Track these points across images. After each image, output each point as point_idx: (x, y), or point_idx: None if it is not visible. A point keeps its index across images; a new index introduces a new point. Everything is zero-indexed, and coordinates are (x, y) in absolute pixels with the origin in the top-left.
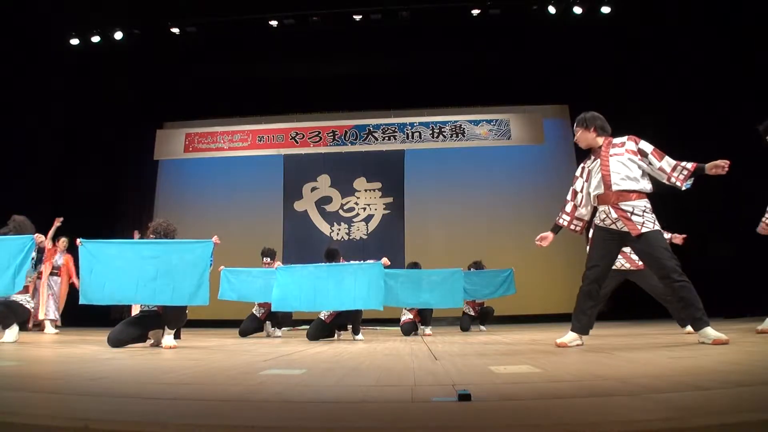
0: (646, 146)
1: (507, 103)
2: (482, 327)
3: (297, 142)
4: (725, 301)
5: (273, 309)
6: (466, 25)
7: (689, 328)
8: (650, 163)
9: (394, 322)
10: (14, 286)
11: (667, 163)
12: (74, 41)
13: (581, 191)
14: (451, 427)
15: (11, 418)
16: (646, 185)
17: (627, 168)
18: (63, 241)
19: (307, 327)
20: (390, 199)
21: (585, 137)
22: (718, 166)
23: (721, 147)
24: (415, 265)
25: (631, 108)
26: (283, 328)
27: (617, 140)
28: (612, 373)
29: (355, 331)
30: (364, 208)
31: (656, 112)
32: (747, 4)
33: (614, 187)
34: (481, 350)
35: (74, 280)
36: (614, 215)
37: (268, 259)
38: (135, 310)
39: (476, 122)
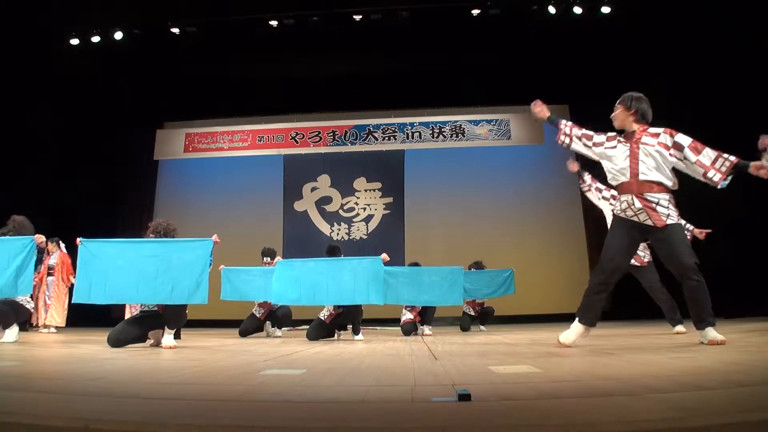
0: (684, 139)
1: (507, 103)
2: (482, 327)
3: (297, 142)
4: (725, 301)
5: (272, 302)
6: (466, 25)
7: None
8: (685, 158)
9: (394, 322)
10: (18, 288)
11: (707, 156)
12: (74, 41)
13: (594, 138)
14: (451, 427)
15: (11, 418)
16: (673, 180)
17: (654, 160)
18: (51, 244)
19: (307, 327)
20: (390, 199)
21: (623, 117)
22: (765, 167)
23: (721, 147)
24: (415, 266)
25: None
26: (283, 328)
27: (652, 130)
28: (612, 373)
29: (355, 331)
30: (364, 208)
31: (656, 112)
32: (747, 4)
33: (641, 177)
34: (481, 350)
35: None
36: (638, 205)
37: (269, 259)
38: (128, 311)
39: (476, 122)
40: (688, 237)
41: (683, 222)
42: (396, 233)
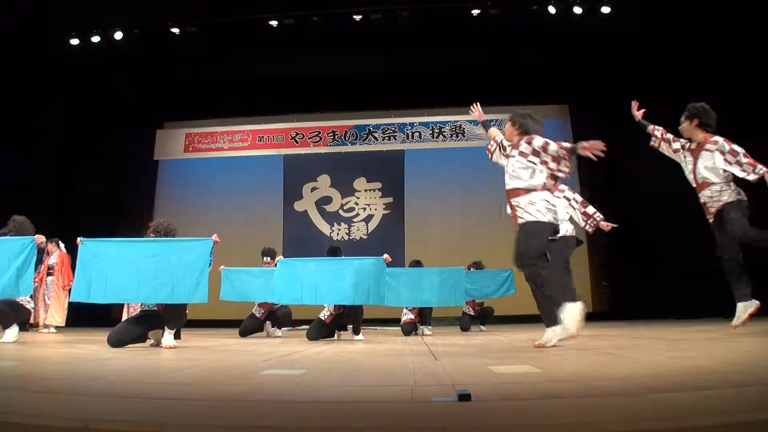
0: (538, 141)
1: (507, 103)
2: (482, 327)
3: (297, 142)
4: (725, 300)
5: (275, 302)
6: (466, 25)
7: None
8: (541, 157)
9: (394, 322)
10: (19, 288)
11: (554, 148)
12: (74, 41)
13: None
14: (451, 427)
15: (11, 418)
16: (535, 181)
17: (513, 167)
18: (51, 244)
19: (307, 327)
20: (390, 199)
21: (509, 131)
22: (585, 147)
23: None
24: (417, 264)
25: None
26: (283, 328)
27: (523, 140)
28: (612, 373)
29: (355, 331)
30: (364, 208)
31: (656, 113)
32: (747, 4)
33: (506, 186)
34: (481, 350)
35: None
36: (509, 211)
37: (269, 259)
38: (125, 311)
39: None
40: (592, 227)
41: (545, 219)
42: (396, 233)
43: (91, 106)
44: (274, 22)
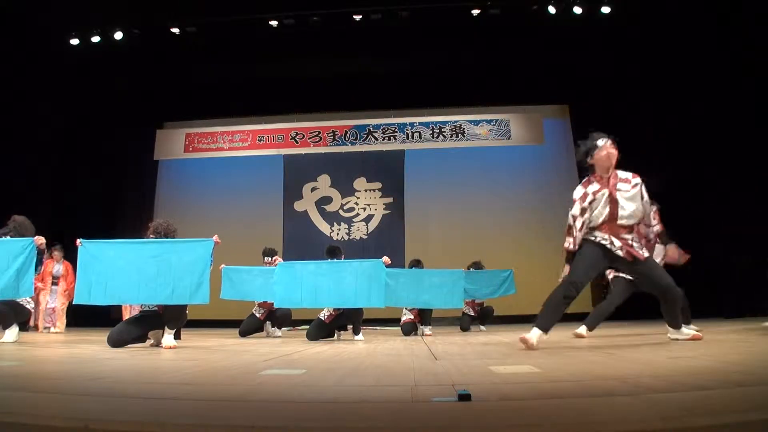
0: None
1: (507, 103)
2: (482, 327)
3: (297, 142)
4: (725, 301)
5: (275, 305)
6: (466, 25)
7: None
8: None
9: (394, 322)
10: (19, 289)
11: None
12: (74, 41)
13: (581, 215)
14: (451, 427)
15: (11, 418)
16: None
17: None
18: (57, 252)
19: (307, 327)
20: (390, 199)
21: (612, 156)
22: None
23: (721, 146)
24: (417, 263)
25: (632, 108)
26: (283, 328)
27: (623, 174)
28: (612, 373)
29: (356, 331)
30: (364, 208)
31: (656, 112)
32: (747, 4)
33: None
34: (481, 350)
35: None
36: (618, 243)
37: (269, 259)
38: (126, 312)
39: (476, 122)
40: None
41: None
42: (396, 233)
43: (91, 106)
44: (274, 22)
